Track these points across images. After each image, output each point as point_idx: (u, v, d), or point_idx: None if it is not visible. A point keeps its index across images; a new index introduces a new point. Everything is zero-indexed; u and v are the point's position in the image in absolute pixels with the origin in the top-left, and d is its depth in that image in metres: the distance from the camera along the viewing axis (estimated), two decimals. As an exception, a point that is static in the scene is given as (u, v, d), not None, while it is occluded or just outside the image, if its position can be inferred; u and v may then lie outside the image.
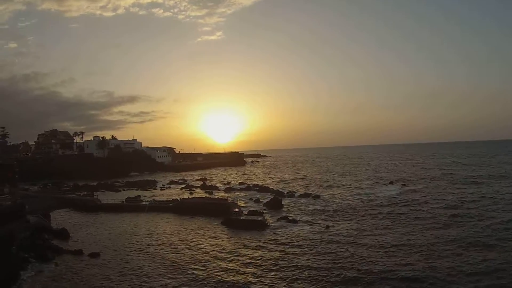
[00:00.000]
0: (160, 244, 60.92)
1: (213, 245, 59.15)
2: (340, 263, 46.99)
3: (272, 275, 44.06)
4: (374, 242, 55.61)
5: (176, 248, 58.31)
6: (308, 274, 43.63)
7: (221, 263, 49.53)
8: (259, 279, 42.95)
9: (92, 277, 46.03)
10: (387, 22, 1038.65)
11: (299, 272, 44.34)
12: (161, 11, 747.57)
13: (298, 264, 47.21)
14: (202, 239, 63.03)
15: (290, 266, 46.80)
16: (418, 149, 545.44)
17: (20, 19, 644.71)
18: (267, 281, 42.08)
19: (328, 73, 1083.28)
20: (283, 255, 51.45)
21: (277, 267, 46.66)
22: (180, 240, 62.97)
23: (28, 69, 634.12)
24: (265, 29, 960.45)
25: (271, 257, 50.73)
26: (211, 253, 54.72)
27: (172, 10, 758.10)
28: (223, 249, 56.67)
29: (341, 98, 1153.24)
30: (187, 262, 50.50)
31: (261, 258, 50.58)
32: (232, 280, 43.10)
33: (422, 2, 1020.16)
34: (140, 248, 59.04)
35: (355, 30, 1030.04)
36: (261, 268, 46.57)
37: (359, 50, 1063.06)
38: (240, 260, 50.62)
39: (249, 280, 42.82)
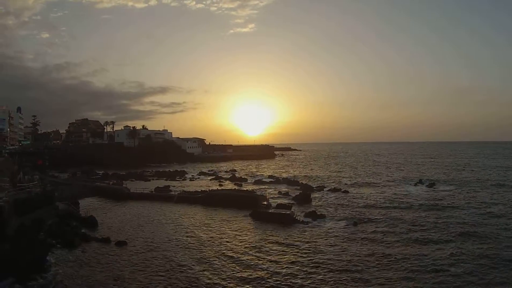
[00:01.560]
0: (187, 235, 61.55)
1: (240, 237, 59.48)
2: (366, 262, 46.50)
3: (297, 270, 44.14)
4: (401, 243, 54.62)
5: (202, 239, 58.82)
6: (333, 272, 43.41)
7: (246, 256, 49.80)
8: (283, 274, 43.00)
9: (118, 265, 46.99)
10: (418, 20, 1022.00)
11: (324, 269, 44.23)
12: (193, 2, 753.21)
13: (324, 261, 47.04)
14: (229, 231, 63.47)
15: (316, 262, 46.70)
16: (444, 148, 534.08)
17: (53, 10, 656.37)
18: (292, 277, 42.18)
19: (357, 69, 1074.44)
20: (310, 251, 51.34)
21: (303, 263, 46.62)
22: (207, 231, 63.52)
23: (60, 59, 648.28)
24: (297, 23, 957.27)
25: (298, 253, 50.71)
26: (237, 245, 55.02)
27: (204, 2, 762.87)
28: (249, 242, 56.93)
29: (370, 94, 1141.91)
30: (213, 254, 50.93)
31: (287, 253, 50.62)
32: (256, 273, 43.36)
33: (455, 2, 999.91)
34: (166, 238, 59.85)
35: (386, 27, 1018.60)
36: (287, 263, 46.54)
37: (388, 46, 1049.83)
38: (265, 253, 50.77)
39: (273, 275, 42.91)
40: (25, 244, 43.88)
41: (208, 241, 57.64)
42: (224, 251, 52.23)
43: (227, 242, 57.09)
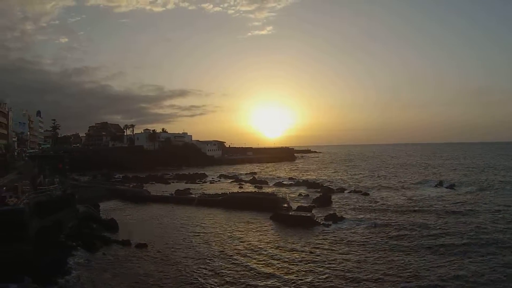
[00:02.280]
0: (207, 238, 61.29)
1: (260, 240, 59.00)
2: (386, 270, 45.12)
3: (316, 275, 43.41)
4: (422, 251, 51.58)
5: (223, 242, 58.49)
6: (352, 276, 42.51)
7: (266, 259, 49.28)
8: (304, 277, 42.42)
9: (138, 268, 46.86)
10: (437, 21, 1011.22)
11: (344, 274, 43.31)
12: (211, 6, 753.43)
13: (344, 265, 46.15)
14: (249, 234, 63.08)
15: (336, 266, 45.89)
16: (463, 149, 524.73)
17: (71, 15, 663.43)
18: (312, 281, 41.62)
19: (375, 70, 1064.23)
20: (330, 254, 50.49)
21: (323, 267, 45.72)
22: (228, 234, 63.20)
23: (79, 63, 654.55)
24: (315, 25, 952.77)
25: (318, 257, 49.81)
26: (257, 248, 54.49)
27: (222, 5, 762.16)
28: (269, 244, 56.40)
29: (388, 95, 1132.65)
30: (234, 258, 50.48)
31: (308, 257, 49.85)
32: (276, 277, 42.76)
33: (472, 2, 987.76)
34: (187, 240, 59.66)
35: (404, 28, 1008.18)
36: (307, 267, 45.85)
37: (406, 48, 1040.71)
38: (286, 257, 50.08)
39: (294, 278, 42.39)
40: (45, 246, 44.11)
41: (228, 244, 57.25)
42: (244, 255, 51.72)
43: (248, 245, 56.53)
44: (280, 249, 53.58)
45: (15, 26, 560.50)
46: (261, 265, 46.96)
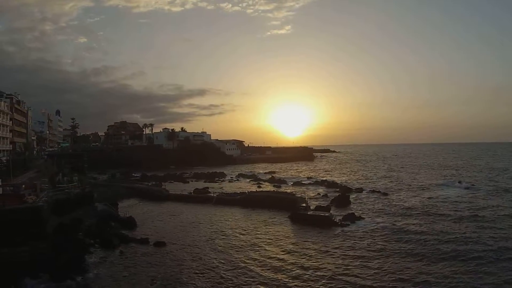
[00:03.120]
0: (226, 236, 61.50)
1: (278, 240, 58.83)
2: (404, 267, 44.98)
3: (337, 274, 43.30)
4: (438, 256, 48.88)
5: (241, 241, 58.61)
6: (370, 277, 42.20)
7: (284, 259, 49.07)
8: (321, 278, 42.15)
9: (156, 266, 47.03)
10: (454, 20, 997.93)
11: (361, 274, 43.06)
12: (230, 5, 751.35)
13: (361, 266, 45.80)
14: (267, 234, 62.95)
15: (354, 267, 45.56)
16: (484, 149, 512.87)
17: (89, 15, 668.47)
18: (330, 282, 41.36)
19: (395, 69, 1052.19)
20: (348, 255, 50.03)
21: (342, 268, 45.37)
22: (245, 233, 63.30)
23: (98, 63, 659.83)
24: (333, 24, 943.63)
25: (335, 256, 49.71)
26: (275, 248, 54.39)
27: (240, 5, 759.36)
28: (287, 244, 56.20)
29: (408, 94, 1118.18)
30: (251, 256, 50.57)
31: (325, 257, 49.60)
32: (293, 277, 42.71)
33: (490, 2, 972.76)
34: (205, 239, 59.84)
35: (423, 26, 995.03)
36: (324, 268, 45.50)
37: (426, 46, 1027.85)
38: (303, 257, 49.93)
39: (311, 278, 42.17)
40: (62, 244, 44.47)
41: (246, 243, 57.30)
42: (262, 254, 51.73)
43: (266, 244, 56.59)
44: (297, 250, 53.29)
45: (34, 26, 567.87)
46: (277, 265, 46.87)
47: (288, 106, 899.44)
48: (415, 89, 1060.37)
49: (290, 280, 41.62)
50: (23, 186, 59.27)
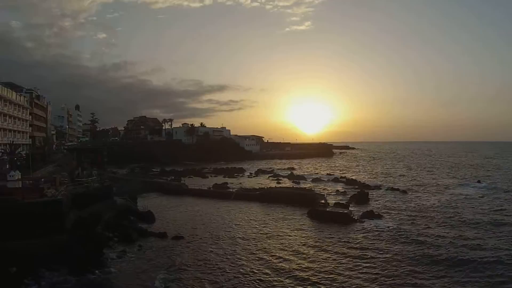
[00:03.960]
0: (244, 231, 61.64)
1: (296, 236, 58.75)
2: (422, 267, 44.34)
3: (354, 272, 43.07)
4: (456, 262, 46.44)
5: (259, 236, 58.64)
6: (387, 275, 41.85)
7: (301, 256, 48.99)
8: (339, 275, 42.01)
9: (174, 259, 47.30)
10: (479, 16, 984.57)
11: (379, 273, 42.67)
12: (248, 1, 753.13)
13: (379, 264, 45.36)
14: (285, 229, 62.86)
15: (372, 264, 45.23)
16: (509, 148, 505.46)
17: (108, 11, 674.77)
18: (348, 279, 41.07)
19: (418, 65, 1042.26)
20: (366, 252, 49.70)
21: (360, 265, 45.18)
22: (264, 229, 63.26)
23: (118, 58, 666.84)
24: (354, 19, 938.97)
25: (353, 254, 49.22)
26: (293, 244, 54.26)
27: (259, 0, 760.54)
28: (305, 241, 56.06)
29: (432, 92, 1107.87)
30: (268, 252, 50.52)
31: (343, 254, 49.33)
32: (309, 273, 42.55)
33: None
34: (223, 234, 60.00)
35: (447, 22, 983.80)
36: (342, 265, 45.37)
37: (450, 44, 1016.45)
38: (321, 254, 49.68)
39: (328, 275, 42.02)
40: (82, 237, 44.88)
41: (264, 239, 57.32)
42: (279, 249, 51.77)
43: (284, 240, 56.56)
44: (314, 246, 53.17)
45: (54, 23, 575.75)
46: (293, 261, 46.85)
47: (307, 103, 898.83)
48: (439, 87, 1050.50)
49: (306, 277, 41.54)
50: (42, 180, 59.87)
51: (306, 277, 41.47)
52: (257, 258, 47.92)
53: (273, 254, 49.69)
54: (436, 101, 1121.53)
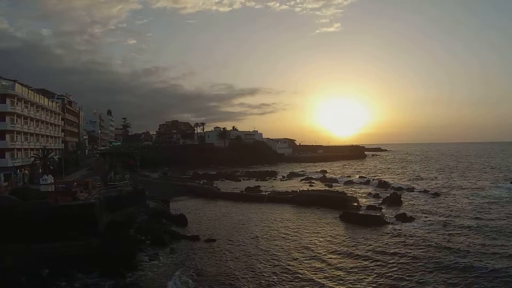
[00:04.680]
0: (276, 234, 61.19)
1: (328, 239, 57.98)
2: (457, 273, 42.64)
3: (386, 275, 42.35)
4: (488, 272, 43.02)
5: (291, 239, 58.12)
6: (419, 278, 41.08)
7: (335, 260, 48.28)
8: (371, 278, 41.47)
9: (206, 263, 47.23)
10: (508, 14, 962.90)
11: (410, 274, 42.09)
12: (277, 4, 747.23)
13: (413, 268, 44.36)
14: (318, 233, 62.27)
15: (405, 268, 44.16)
16: None
17: (138, 17, 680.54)
18: (379, 282, 40.52)
19: (449, 64, 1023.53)
20: (399, 256, 48.67)
21: (392, 269, 44.22)
22: (296, 232, 62.70)
23: (149, 64, 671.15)
24: (384, 19, 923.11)
25: (386, 258, 48.04)
26: (325, 248, 53.53)
27: (288, 3, 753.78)
28: (338, 244, 55.26)
29: (463, 91, 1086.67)
30: (301, 255, 50.04)
31: (376, 257, 48.43)
32: (343, 277, 42.02)
33: None
34: (256, 237, 59.73)
35: (476, 21, 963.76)
36: (375, 268, 44.59)
37: (482, 44, 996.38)
38: (354, 257, 48.98)
39: (361, 278, 41.48)
40: (114, 240, 45.15)
41: (296, 241, 56.88)
42: (312, 252, 51.28)
43: (316, 243, 55.91)
44: (347, 250, 52.38)
45: (84, 30, 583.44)
46: (328, 266, 46.15)
47: (339, 105, 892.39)
48: (470, 86, 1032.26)
49: (337, 280, 41.16)
50: (75, 183, 60.60)
51: (335, 280, 41.12)
52: (289, 261, 47.60)
53: (303, 256, 49.41)
54: (466, 100, 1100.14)
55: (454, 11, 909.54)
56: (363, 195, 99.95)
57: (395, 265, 45.45)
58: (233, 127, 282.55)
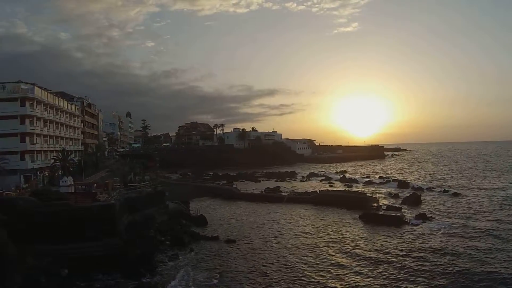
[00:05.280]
0: (297, 235, 61.01)
1: (348, 240, 57.50)
2: (476, 275, 41.93)
3: (403, 276, 41.90)
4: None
5: (310, 240, 57.74)
6: (438, 280, 40.44)
7: (353, 261, 47.84)
8: (390, 280, 40.98)
9: (226, 263, 47.23)
10: None
11: (430, 276, 41.43)
12: (295, 5, 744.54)
13: (432, 268, 43.78)
14: (338, 233, 61.96)
15: (424, 270, 43.54)
16: None
17: (155, 20, 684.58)
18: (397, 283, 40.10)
19: (465, 65, 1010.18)
20: (418, 256, 48.16)
21: (412, 269, 43.76)
22: (316, 233, 62.42)
23: (168, 66, 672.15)
24: (401, 19, 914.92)
25: (405, 260, 47.28)
26: (345, 249, 53.15)
27: (305, 4, 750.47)
28: (358, 245, 54.86)
29: (478, 91, 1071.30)
30: (320, 256, 49.78)
31: (395, 258, 47.95)
32: (362, 279, 41.62)
33: None
34: (276, 237, 59.59)
35: (491, 21, 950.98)
36: (394, 269, 44.05)
37: (495, 41, 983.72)
38: (373, 258, 48.54)
39: (379, 280, 41.09)
40: (134, 241, 45.30)
41: (316, 243, 56.45)
42: (332, 253, 51.12)
43: (336, 244, 55.55)
44: (366, 250, 51.97)
45: (102, 33, 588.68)
46: (346, 267, 45.77)
47: (358, 105, 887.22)
48: (485, 85, 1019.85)
49: (357, 279, 41.08)
50: (95, 185, 60.95)
51: (354, 279, 41.04)
52: (310, 262, 47.39)
53: (324, 257, 49.12)
54: (482, 100, 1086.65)
55: (469, 11, 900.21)
56: (383, 195, 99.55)
57: (414, 267, 44.76)
58: (253, 128, 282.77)
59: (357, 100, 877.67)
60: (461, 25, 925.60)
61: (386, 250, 51.44)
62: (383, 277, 41.72)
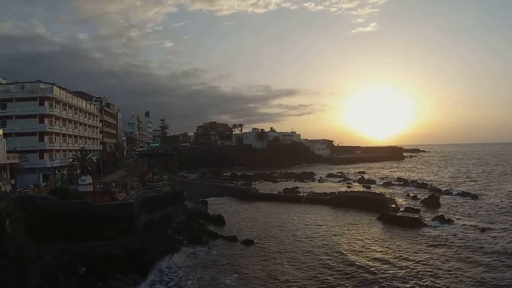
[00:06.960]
0: (313, 237, 60.62)
1: (366, 241, 57.37)
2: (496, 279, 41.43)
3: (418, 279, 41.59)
4: None
5: (329, 241, 57.57)
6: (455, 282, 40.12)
7: (370, 262, 47.51)
8: (405, 282, 40.75)
9: (243, 263, 47.34)
10: None
11: (447, 279, 41.13)
12: (313, 5, 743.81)
13: (449, 271, 43.37)
14: (355, 234, 61.83)
15: (441, 273, 43.13)
16: None
17: (174, 20, 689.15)
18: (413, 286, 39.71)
19: (492, 63, 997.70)
20: (435, 259, 47.89)
21: (428, 273, 43.29)
22: (334, 234, 62.19)
23: (186, 66, 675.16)
24: (419, 19, 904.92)
25: (421, 262, 46.99)
26: (362, 250, 52.96)
27: (323, 3, 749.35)
28: (375, 246, 54.66)
29: (505, 90, 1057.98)
30: (338, 258, 49.49)
31: (412, 260, 47.76)
32: (378, 280, 41.41)
33: None
34: (294, 238, 59.46)
35: None
36: (410, 271, 43.78)
37: None
38: (390, 259, 48.26)
39: (395, 281, 40.90)
40: (152, 239, 45.41)
41: (335, 243, 56.35)
42: (349, 254, 50.90)
43: (354, 245, 55.47)
44: (384, 252, 51.73)
45: (121, 33, 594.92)
46: (362, 268, 45.53)
47: (377, 106, 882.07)
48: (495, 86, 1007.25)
49: (375, 280, 40.95)
50: (113, 184, 61.12)
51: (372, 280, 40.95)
52: (327, 262, 47.44)
53: (340, 260, 48.74)
54: (509, 100, 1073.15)
55: (494, 8, 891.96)
56: (401, 197, 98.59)
57: (430, 270, 44.39)
58: (271, 128, 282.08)
59: (376, 101, 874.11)
60: (487, 23, 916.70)
61: (403, 252, 51.09)
62: (398, 279, 41.49)
